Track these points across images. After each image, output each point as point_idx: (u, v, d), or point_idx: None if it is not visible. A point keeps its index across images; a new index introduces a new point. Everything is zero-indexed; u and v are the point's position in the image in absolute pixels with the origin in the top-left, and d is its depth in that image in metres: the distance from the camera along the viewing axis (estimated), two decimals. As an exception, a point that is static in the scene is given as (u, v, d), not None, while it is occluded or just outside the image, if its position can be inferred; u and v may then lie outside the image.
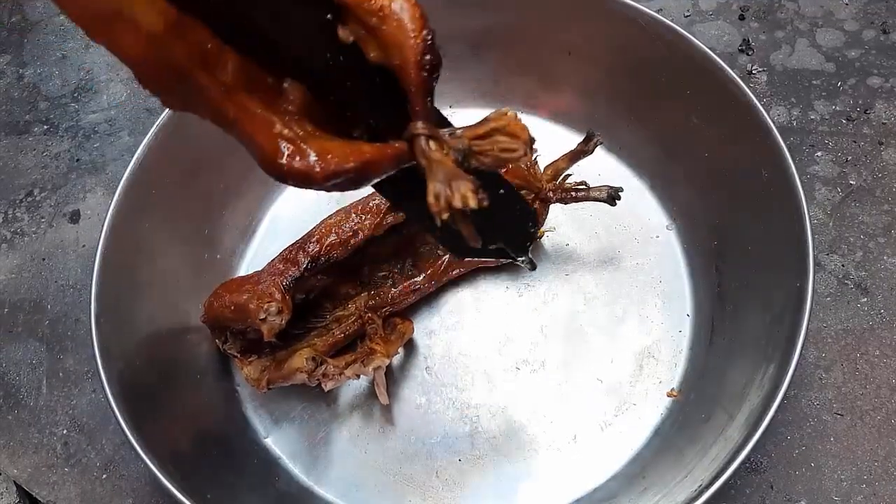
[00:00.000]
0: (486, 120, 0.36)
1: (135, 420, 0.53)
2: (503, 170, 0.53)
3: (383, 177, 0.35)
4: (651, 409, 0.62)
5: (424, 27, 0.37)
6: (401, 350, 0.62)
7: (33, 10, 0.87)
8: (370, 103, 0.36)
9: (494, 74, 0.74)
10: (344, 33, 0.35)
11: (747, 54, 0.79)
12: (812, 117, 0.75)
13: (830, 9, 0.81)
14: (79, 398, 0.66)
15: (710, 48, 0.63)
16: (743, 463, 0.49)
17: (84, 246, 0.72)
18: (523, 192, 0.61)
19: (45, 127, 0.79)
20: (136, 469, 0.62)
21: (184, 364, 0.62)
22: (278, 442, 0.62)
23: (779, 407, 0.50)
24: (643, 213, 0.69)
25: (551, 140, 0.64)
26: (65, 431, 0.64)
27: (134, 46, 0.31)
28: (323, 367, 0.58)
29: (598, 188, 0.60)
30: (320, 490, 0.61)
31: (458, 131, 0.35)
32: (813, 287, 0.54)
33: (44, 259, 0.72)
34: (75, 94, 0.81)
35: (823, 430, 0.61)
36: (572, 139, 0.62)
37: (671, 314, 0.65)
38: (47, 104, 0.81)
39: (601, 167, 0.70)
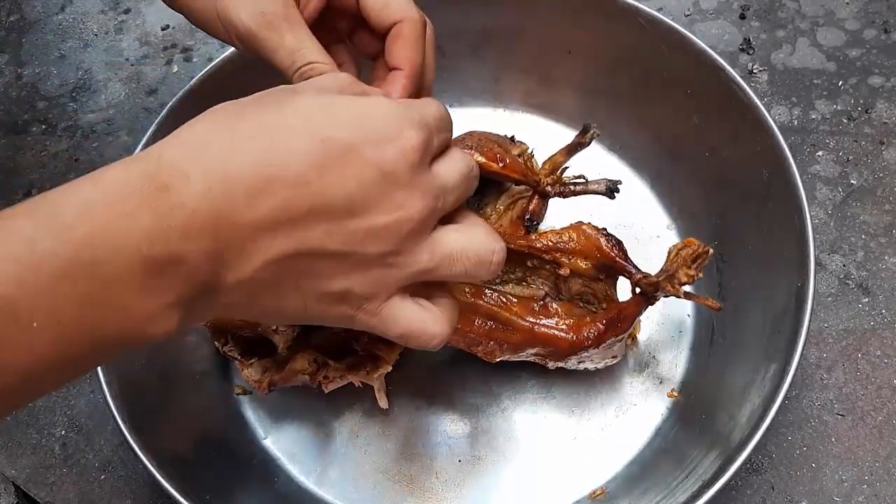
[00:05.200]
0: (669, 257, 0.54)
1: (133, 421, 0.53)
2: (501, 165, 0.54)
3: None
4: (651, 409, 0.62)
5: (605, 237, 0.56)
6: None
7: (31, 9, 0.87)
8: None
9: (494, 73, 0.74)
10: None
11: (748, 53, 0.78)
12: (813, 117, 0.75)
13: (831, 8, 0.80)
14: (77, 399, 0.65)
15: (710, 47, 0.63)
16: (744, 464, 0.49)
17: (82, 246, 0.72)
18: (522, 187, 0.61)
19: (44, 126, 0.79)
20: (135, 470, 0.62)
21: (183, 365, 0.62)
22: (277, 442, 0.62)
23: (780, 407, 0.50)
24: (643, 213, 0.69)
25: (551, 139, 0.63)
26: (63, 432, 0.64)
27: None
28: (324, 369, 0.58)
29: (597, 181, 0.60)
30: (319, 491, 0.61)
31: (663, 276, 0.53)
32: (814, 287, 0.54)
33: (42, 259, 0.72)
34: (73, 94, 0.81)
35: (825, 431, 0.61)
36: (572, 138, 0.62)
37: (671, 314, 0.65)
38: (45, 104, 0.80)
39: (601, 167, 0.70)
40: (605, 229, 0.58)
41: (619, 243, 0.57)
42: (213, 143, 0.32)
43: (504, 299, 0.56)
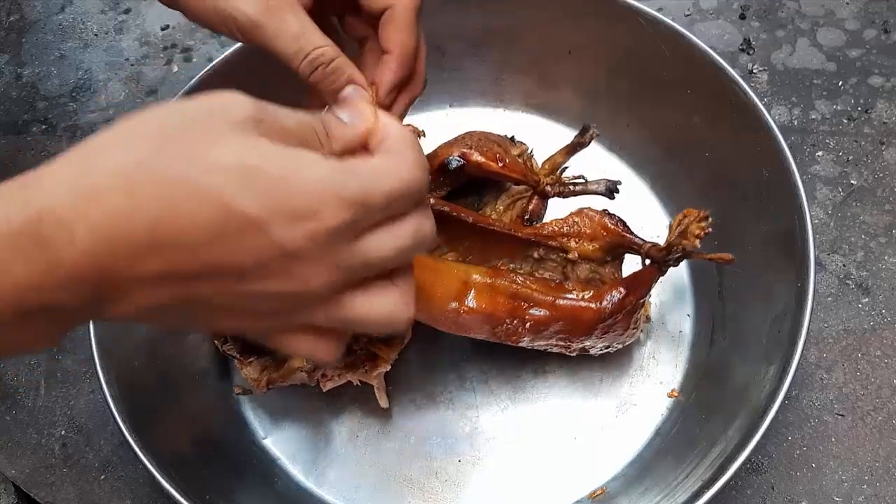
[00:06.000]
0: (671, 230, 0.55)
1: (133, 421, 0.53)
2: (501, 165, 0.54)
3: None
4: (652, 409, 0.62)
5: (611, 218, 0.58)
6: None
7: (32, 9, 0.87)
8: None
9: (494, 73, 0.74)
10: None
11: (748, 53, 0.78)
12: (813, 117, 0.75)
13: (831, 8, 0.80)
14: (77, 399, 0.65)
15: (710, 47, 0.63)
16: (744, 464, 0.49)
17: (82, 246, 0.72)
18: (521, 186, 0.61)
19: (44, 126, 0.79)
20: (135, 470, 0.62)
21: (182, 365, 0.62)
22: (277, 442, 0.62)
23: (780, 407, 0.50)
24: (643, 213, 0.69)
25: (551, 139, 0.63)
26: (63, 432, 0.64)
27: None
28: (322, 367, 0.58)
29: (596, 181, 0.60)
30: (319, 490, 0.61)
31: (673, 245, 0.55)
32: (814, 287, 0.54)
33: (42, 259, 0.72)
34: (73, 94, 0.81)
35: (824, 431, 0.61)
36: (572, 137, 0.62)
37: (671, 314, 0.65)
38: (45, 104, 0.80)
39: (602, 166, 0.70)
40: (605, 210, 0.58)
41: (622, 220, 0.58)
42: (110, 197, 0.29)
43: (522, 279, 0.56)
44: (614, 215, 0.58)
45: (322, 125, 0.33)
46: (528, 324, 0.55)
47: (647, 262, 0.57)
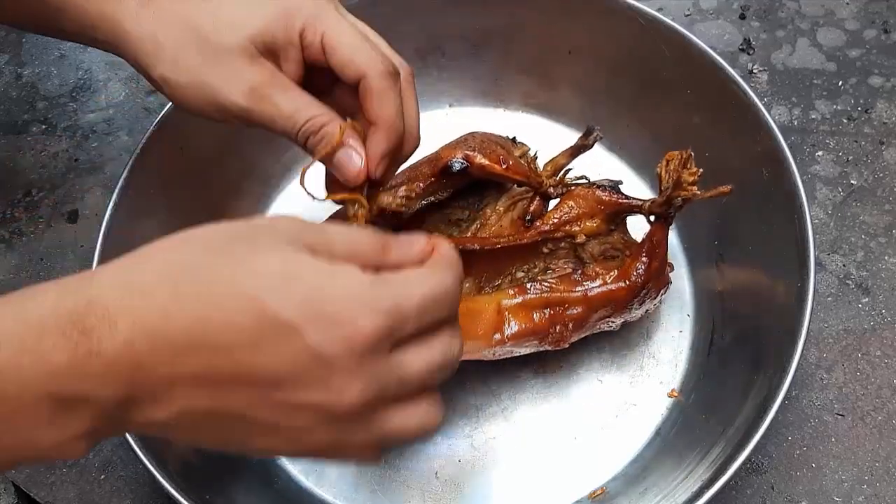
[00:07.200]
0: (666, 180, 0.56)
1: (133, 421, 0.53)
2: (504, 167, 0.54)
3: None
4: (652, 409, 0.62)
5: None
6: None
7: (32, 9, 0.87)
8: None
9: (494, 73, 0.74)
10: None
11: (748, 53, 0.78)
12: (813, 117, 0.75)
13: (831, 8, 0.80)
14: (77, 398, 0.65)
15: (710, 47, 0.63)
16: (743, 464, 0.49)
17: (82, 246, 0.72)
18: (524, 188, 0.61)
19: (44, 126, 0.79)
20: (135, 470, 0.62)
21: (182, 364, 0.62)
22: (277, 442, 0.62)
23: (779, 407, 0.50)
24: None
25: (551, 139, 0.64)
26: (63, 432, 0.64)
27: None
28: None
29: (599, 182, 0.60)
30: (319, 490, 0.60)
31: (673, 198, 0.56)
32: (814, 287, 0.54)
33: (42, 259, 0.72)
34: (73, 94, 0.81)
35: (824, 431, 0.61)
36: (572, 138, 0.62)
37: (671, 314, 0.65)
38: (45, 104, 0.80)
39: (601, 166, 0.70)
40: (593, 183, 0.59)
41: (613, 187, 0.59)
42: (154, 294, 0.31)
43: (547, 285, 0.56)
44: (604, 186, 0.58)
45: (381, 244, 0.35)
46: (570, 324, 0.56)
47: (651, 217, 0.58)
